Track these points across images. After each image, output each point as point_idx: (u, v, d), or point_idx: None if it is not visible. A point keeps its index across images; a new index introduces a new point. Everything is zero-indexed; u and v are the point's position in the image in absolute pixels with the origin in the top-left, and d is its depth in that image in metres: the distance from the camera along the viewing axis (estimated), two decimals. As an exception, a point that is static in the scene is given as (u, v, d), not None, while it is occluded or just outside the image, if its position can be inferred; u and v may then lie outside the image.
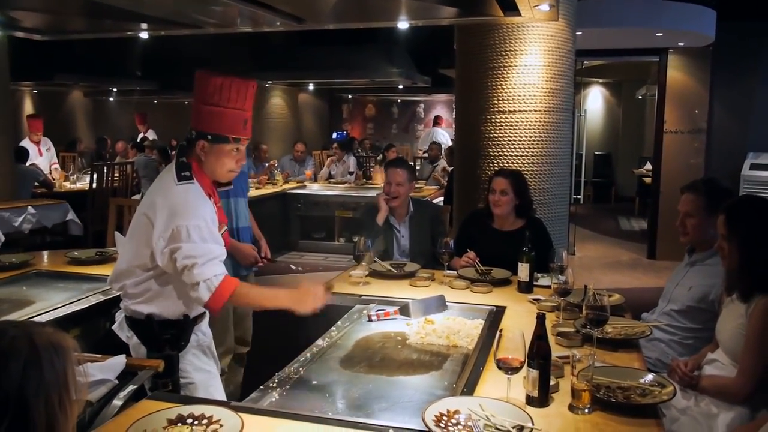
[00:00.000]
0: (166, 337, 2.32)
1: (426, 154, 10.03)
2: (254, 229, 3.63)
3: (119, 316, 2.47)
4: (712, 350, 2.52)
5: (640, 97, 12.09)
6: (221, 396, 2.47)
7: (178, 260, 2.13)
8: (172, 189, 2.22)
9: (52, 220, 6.32)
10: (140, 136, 11.58)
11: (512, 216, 3.67)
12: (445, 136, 11.53)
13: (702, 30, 6.63)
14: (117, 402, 1.97)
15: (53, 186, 7.60)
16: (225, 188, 2.49)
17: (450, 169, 7.99)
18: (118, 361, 2.10)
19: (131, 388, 2.03)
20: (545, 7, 2.98)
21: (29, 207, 6.13)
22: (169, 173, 2.27)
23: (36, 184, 7.24)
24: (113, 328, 2.48)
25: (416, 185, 6.06)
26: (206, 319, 2.51)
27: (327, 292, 2.29)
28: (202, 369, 2.46)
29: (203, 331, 2.50)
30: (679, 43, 7.37)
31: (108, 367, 2.05)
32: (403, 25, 3.67)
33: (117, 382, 2.02)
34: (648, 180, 9.20)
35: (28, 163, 7.58)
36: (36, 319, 2.67)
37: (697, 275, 2.88)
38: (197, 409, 1.76)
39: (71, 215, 6.48)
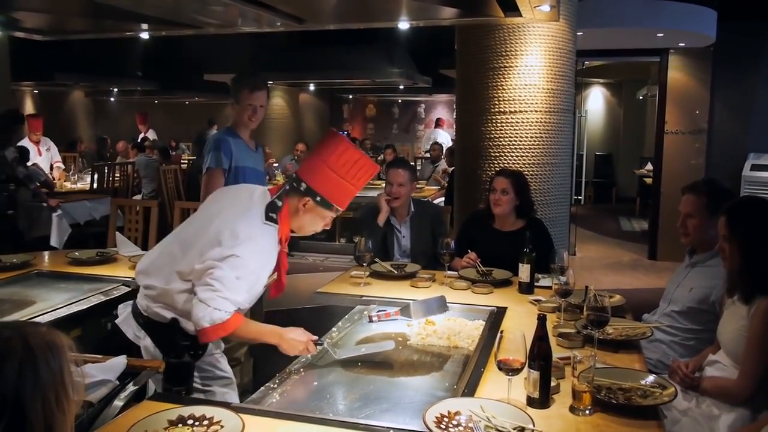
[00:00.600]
0: (186, 343, 2.27)
1: (429, 155, 10.04)
2: None
3: (124, 309, 2.42)
4: (714, 352, 2.51)
5: (640, 97, 12.09)
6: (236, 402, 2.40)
7: (209, 275, 2.09)
8: (257, 225, 2.19)
9: (100, 213, 6.87)
10: (141, 136, 11.58)
11: (513, 216, 3.67)
12: (446, 137, 11.54)
13: (703, 30, 6.62)
14: (118, 403, 1.97)
15: (54, 186, 7.60)
16: None
17: (450, 169, 7.99)
18: (119, 362, 2.10)
19: (132, 388, 2.03)
20: (546, 8, 2.98)
21: (86, 201, 6.80)
22: (259, 207, 2.23)
23: (37, 183, 7.25)
24: (117, 322, 2.42)
25: (417, 186, 6.05)
26: None
27: (313, 347, 2.25)
28: (221, 377, 2.44)
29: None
30: (680, 44, 7.37)
31: (108, 368, 2.05)
32: (403, 25, 3.68)
33: (118, 382, 2.02)
34: (649, 180, 9.20)
35: (28, 164, 7.60)
36: (37, 319, 2.67)
37: (698, 276, 2.87)
38: (198, 410, 1.76)
39: None
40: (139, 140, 10.48)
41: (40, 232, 6.21)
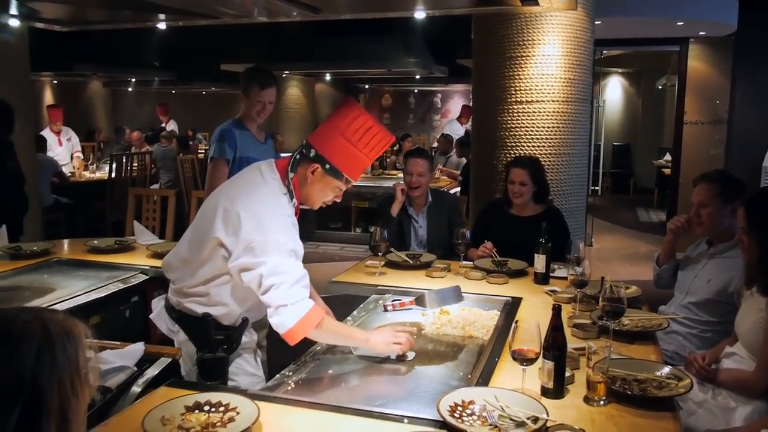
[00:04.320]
0: (219, 338, 2.21)
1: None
2: None
3: (157, 304, 2.36)
4: (731, 343, 2.49)
5: (660, 87, 11.95)
6: None
7: (263, 278, 2.00)
8: (274, 199, 2.12)
9: None
10: (163, 126, 11.64)
11: (531, 202, 3.66)
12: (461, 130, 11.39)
13: (724, 19, 6.53)
14: (136, 389, 1.99)
15: (67, 180, 7.52)
16: None
17: (464, 161, 7.95)
18: (137, 348, 2.13)
19: (150, 374, 2.05)
20: (564, -4, 2.95)
21: None
22: (271, 181, 2.15)
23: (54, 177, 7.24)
24: (151, 317, 2.37)
25: (435, 177, 6.04)
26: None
27: (410, 339, 2.19)
28: (250, 373, 2.33)
29: (252, 332, 2.35)
30: (700, 33, 7.27)
31: (127, 354, 2.08)
32: (419, 14, 3.66)
33: (136, 369, 2.05)
34: (667, 171, 9.11)
35: (48, 153, 7.67)
36: (56, 306, 2.72)
37: (716, 268, 2.85)
38: (214, 397, 1.77)
39: None
40: (158, 130, 10.54)
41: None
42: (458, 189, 7.32)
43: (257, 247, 2.01)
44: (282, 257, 2.02)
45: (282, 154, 8.48)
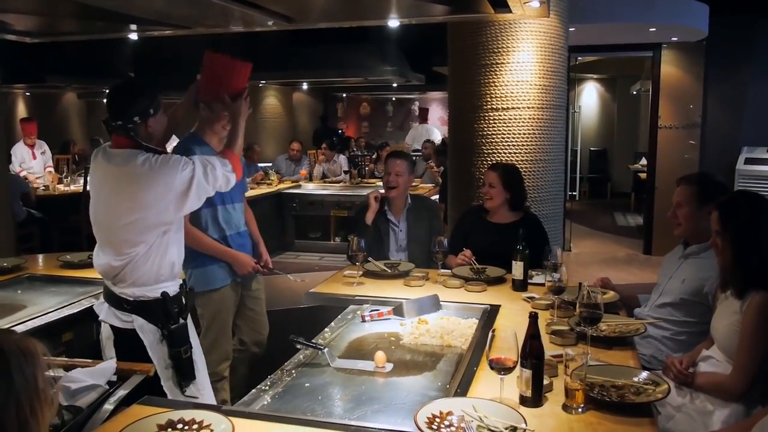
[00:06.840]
0: (176, 309, 2.48)
1: (421, 152, 10.01)
2: (254, 230, 3.51)
3: (100, 307, 2.55)
4: (707, 347, 2.51)
5: (634, 92, 12.10)
6: (203, 362, 2.64)
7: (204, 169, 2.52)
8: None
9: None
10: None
11: (505, 209, 3.66)
12: (437, 133, 11.46)
13: (695, 24, 6.63)
14: (108, 407, 1.95)
15: (32, 202, 7.12)
16: None
17: (440, 168, 7.96)
18: (109, 366, 2.08)
19: (122, 392, 2.01)
20: (535, 4, 2.95)
21: None
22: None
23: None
24: (101, 319, 2.53)
25: (413, 182, 6.03)
26: None
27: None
28: (194, 336, 2.62)
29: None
30: (673, 38, 7.37)
31: (98, 372, 2.03)
32: (393, 23, 3.65)
33: (107, 387, 2.00)
34: (643, 175, 9.20)
35: (22, 166, 7.54)
36: (28, 323, 2.66)
37: (691, 268, 2.86)
38: (187, 414, 1.74)
39: None
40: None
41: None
42: (437, 196, 7.33)
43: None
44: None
45: (258, 165, 8.31)
